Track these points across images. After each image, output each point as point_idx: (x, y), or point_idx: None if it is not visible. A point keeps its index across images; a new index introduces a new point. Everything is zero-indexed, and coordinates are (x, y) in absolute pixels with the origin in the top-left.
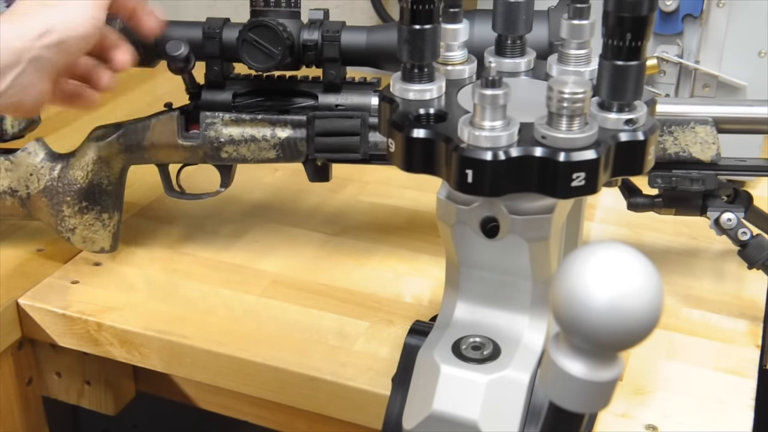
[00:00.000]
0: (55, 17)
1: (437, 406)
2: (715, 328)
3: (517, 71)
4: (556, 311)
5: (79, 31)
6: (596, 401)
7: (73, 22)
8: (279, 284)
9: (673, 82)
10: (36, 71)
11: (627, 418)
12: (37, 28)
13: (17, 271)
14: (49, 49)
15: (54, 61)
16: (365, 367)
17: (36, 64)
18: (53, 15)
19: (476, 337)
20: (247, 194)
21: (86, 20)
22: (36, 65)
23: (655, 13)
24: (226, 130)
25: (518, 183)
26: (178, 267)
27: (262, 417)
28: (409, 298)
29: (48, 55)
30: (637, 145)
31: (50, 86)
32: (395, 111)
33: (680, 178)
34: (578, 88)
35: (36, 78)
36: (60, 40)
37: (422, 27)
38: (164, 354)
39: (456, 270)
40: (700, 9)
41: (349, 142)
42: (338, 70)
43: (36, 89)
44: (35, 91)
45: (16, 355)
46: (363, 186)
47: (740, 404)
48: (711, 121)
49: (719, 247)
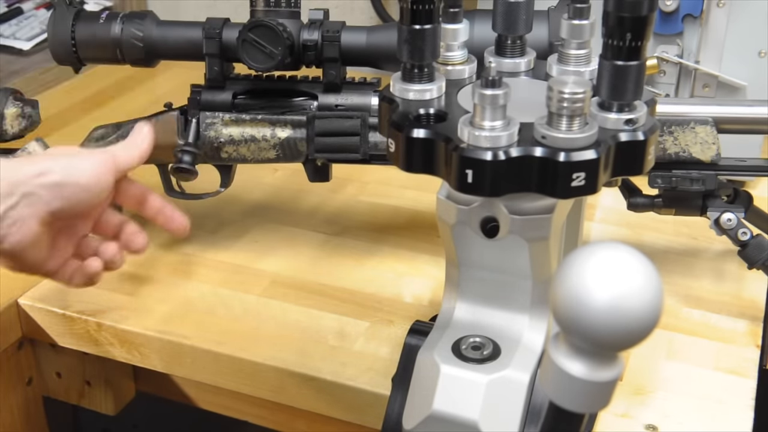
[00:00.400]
0: (57, 162)
1: (437, 406)
2: (715, 328)
3: (517, 71)
4: (556, 311)
5: (79, 179)
6: (596, 401)
7: (75, 170)
8: (279, 284)
9: (673, 82)
10: (28, 207)
11: (627, 418)
12: (37, 167)
13: None
14: (45, 188)
15: (49, 202)
16: (365, 367)
17: (29, 200)
18: (57, 161)
19: (476, 337)
20: (247, 194)
21: (89, 172)
22: (29, 201)
23: (655, 13)
24: (226, 130)
25: (518, 183)
26: (178, 267)
27: (262, 417)
28: (409, 298)
29: (44, 195)
30: (637, 145)
31: (40, 229)
32: (395, 111)
33: (680, 178)
34: (578, 88)
35: (27, 213)
36: (58, 182)
37: (422, 27)
38: (164, 354)
39: (456, 270)
40: (700, 9)
41: (349, 142)
42: (338, 70)
43: (24, 227)
44: (24, 228)
45: (16, 355)
46: (363, 186)
47: (740, 404)
48: (711, 121)
49: (719, 247)
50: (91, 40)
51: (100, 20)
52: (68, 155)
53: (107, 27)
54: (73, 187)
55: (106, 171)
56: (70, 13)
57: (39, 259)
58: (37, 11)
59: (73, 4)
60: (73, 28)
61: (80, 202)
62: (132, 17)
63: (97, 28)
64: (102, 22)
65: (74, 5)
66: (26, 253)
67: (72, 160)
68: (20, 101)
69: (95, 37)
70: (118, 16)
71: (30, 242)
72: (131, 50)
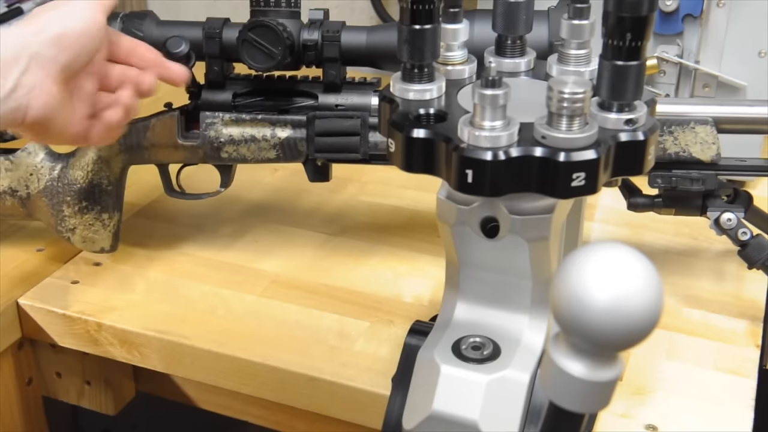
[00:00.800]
0: (49, 16)
1: (437, 406)
2: (715, 328)
3: (517, 71)
4: (556, 311)
5: (75, 27)
6: (596, 401)
7: (67, 18)
8: (279, 284)
9: (673, 82)
10: (39, 69)
11: (627, 418)
12: (33, 26)
13: (17, 271)
14: (48, 45)
15: (56, 57)
16: (365, 367)
17: (38, 61)
18: (48, 15)
19: (476, 337)
20: (247, 194)
21: (82, 16)
22: (38, 62)
23: (655, 13)
24: (226, 130)
25: (518, 183)
26: (178, 267)
27: (262, 417)
28: (409, 298)
29: (48, 52)
30: (637, 145)
31: (57, 89)
32: (395, 111)
33: (680, 178)
34: (578, 88)
35: (41, 76)
36: (56, 35)
37: (422, 27)
38: (164, 354)
39: (456, 270)
40: (700, 9)
41: (349, 142)
42: (338, 70)
43: (43, 90)
44: (43, 92)
45: (16, 355)
46: (363, 186)
47: (740, 404)
48: (711, 121)
49: (719, 247)
50: None
51: None
52: (58, 7)
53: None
54: (73, 34)
55: (96, 11)
56: None
57: (65, 122)
58: None
59: None
60: None
61: (83, 48)
62: (132, 17)
63: None
64: None
65: None
66: (53, 119)
67: (63, 10)
68: None
69: None
70: (118, 16)
71: (53, 106)
72: None
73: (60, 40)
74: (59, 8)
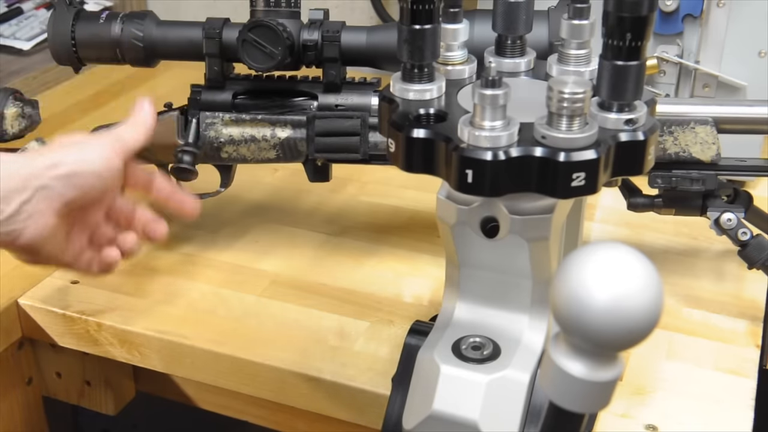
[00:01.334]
0: (66, 152)
1: (437, 406)
2: (715, 328)
3: (517, 71)
4: (556, 311)
5: (90, 167)
6: (596, 401)
7: (85, 158)
8: (279, 284)
9: (673, 82)
10: (43, 200)
11: (627, 418)
12: (48, 160)
13: (17, 271)
14: (58, 180)
15: (63, 193)
16: (365, 367)
17: (43, 193)
18: (65, 151)
19: (476, 337)
20: (247, 194)
21: (99, 158)
22: (43, 194)
23: (655, 13)
24: (226, 130)
25: (518, 183)
26: (178, 267)
27: (262, 417)
28: (409, 298)
29: (57, 186)
30: (637, 145)
31: (56, 221)
32: (395, 111)
33: (680, 178)
34: (578, 88)
35: (43, 207)
36: (70, 173)
37: (422, 27)
38: (164, 354)
39: (456, 270)
40: (700, 9)
41: (349, 142)
42: (338, 70)
43: (41, 220)
44: (40, 222)
45: (16, 355)
46: (363, 186)
47: (740, 404)
48: (711, 121)
49: (719, 247)
50: (91, 40)
51: (100, 20)
52: (77, 144)
53: (107, 27)
54: (86, 175)
55: (115, 155)
56: (70, 13)
57: (56, 250)
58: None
59: (73, 4)
60: (73, 28)
61: (93, 189)
62: (132, 17)
63: (97, 28)
64: (102, 22)
65: (74, 5)
66: (44, 246)
67: (81, 148)
68: (20, 101)
69: (95, 37)
70: (118, 16)
71: (47, 235)
72: (131, 50)
73: (71, 178)
74: (77, 145)
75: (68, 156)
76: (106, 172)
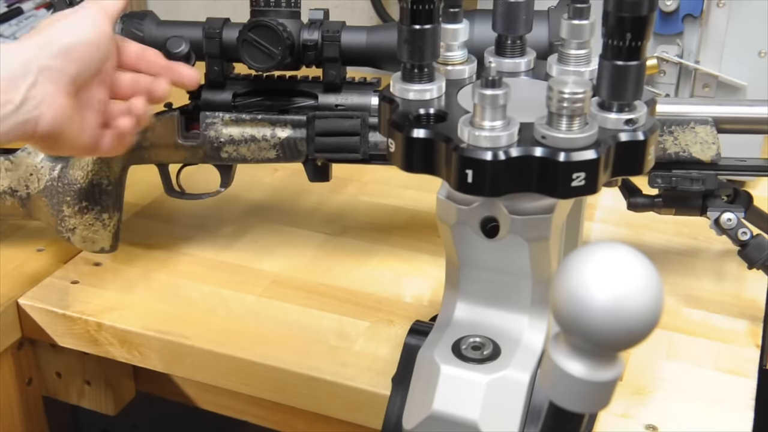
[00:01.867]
0: (54, 29)
1: (437, 406)
2: (715, 328)
3: (517, 71)
4: (556, 311)
5: (81, 38)
6: (596, 401)
7: (75, 31)
8: (279, 284)
9: (673, 82)
10: (48, 82)
11: (627, 418)
12: (40, 39)
13: (17, 271)
14: (57, 57)
15: (64, 69)
16: (365, 367)
17: (47, 75)
18: (53, 27)
19: (476, 337)
20: (247, 194)
21: (89, 27)
22: (47, 75)
23: (655, 13)
24: (226, 130)
25: (518, 183)
26: (178, 267)
27: (262, 417)
28: (409, 298)
29: (57, 64)
30: (637, 145)
31: (67, 101)
32: (395, 111)
33: (680, 178)
34: (578, 88)
35: (51, 89)
36: (64, 48)
37: (422, 27)
38: (164, 354)
39: (456, 270)
40: (700, 9)
41: (349, 142)
42: (338, 70)
43: (53, 104)
44: (53, 105)
45: (16, 355)
46: (363, 186)
47: (740, 404)
48: (711, 121)
49: (719, 247)
50: None
51: None
52: (62, 19)
53: None
54: (81, 46)
55: (102, 21)
56: None
57: (74, 134)
58: (37, 11)
59: (73, 5)
60: None
61: (92, 60)
62: (132, 17)
63: None
64: None
65: (74, 5)
66: (63, 131)
67: (69, 23)
68: None
69: None
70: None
71: (63, 118)
72: None
73: (67, 52)
74: (64, 20)
75: (59, 32)
76: (100, 38)
